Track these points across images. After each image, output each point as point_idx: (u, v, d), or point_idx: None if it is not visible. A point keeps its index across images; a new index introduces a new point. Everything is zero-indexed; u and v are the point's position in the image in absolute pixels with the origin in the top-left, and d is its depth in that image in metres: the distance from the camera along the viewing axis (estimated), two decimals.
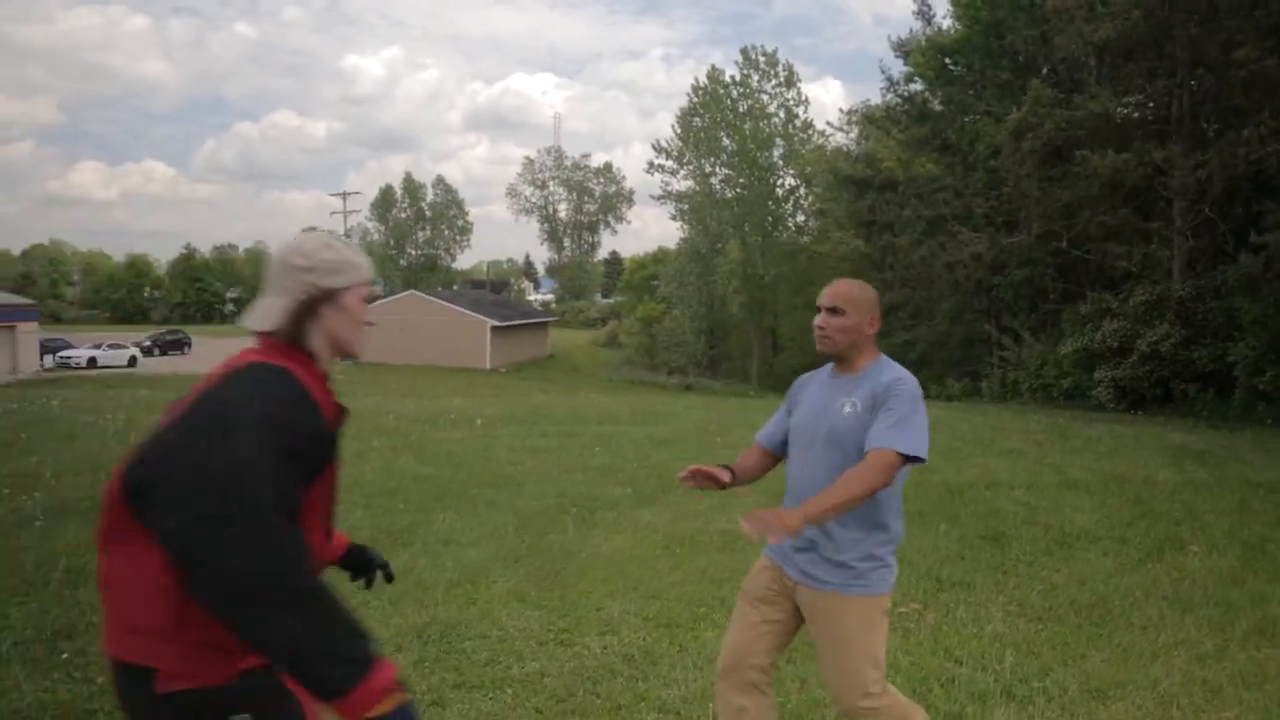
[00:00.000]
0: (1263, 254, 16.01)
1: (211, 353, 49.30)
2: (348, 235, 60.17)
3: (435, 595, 4.94)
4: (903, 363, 2.85)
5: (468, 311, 45.62)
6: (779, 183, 51.06)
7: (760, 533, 2.31)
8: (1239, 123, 20.02)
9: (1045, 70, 26.55)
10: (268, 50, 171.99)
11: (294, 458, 1.65)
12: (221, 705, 1.65)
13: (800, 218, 51.83)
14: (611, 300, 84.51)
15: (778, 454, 3.00)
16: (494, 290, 69.70)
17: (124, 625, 1.64)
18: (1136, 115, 24.53)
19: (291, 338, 1.81)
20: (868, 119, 36.77)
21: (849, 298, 2.78)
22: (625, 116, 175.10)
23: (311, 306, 1.82)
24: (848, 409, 2.69)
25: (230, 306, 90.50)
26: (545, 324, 57.44)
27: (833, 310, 2.77)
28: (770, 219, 49.93)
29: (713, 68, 51.26)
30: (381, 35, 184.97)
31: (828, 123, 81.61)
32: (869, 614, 2.70)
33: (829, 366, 2.92)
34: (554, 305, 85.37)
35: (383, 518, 6.74)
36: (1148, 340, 19.31)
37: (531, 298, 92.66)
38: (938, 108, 31.20)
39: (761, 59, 51.12)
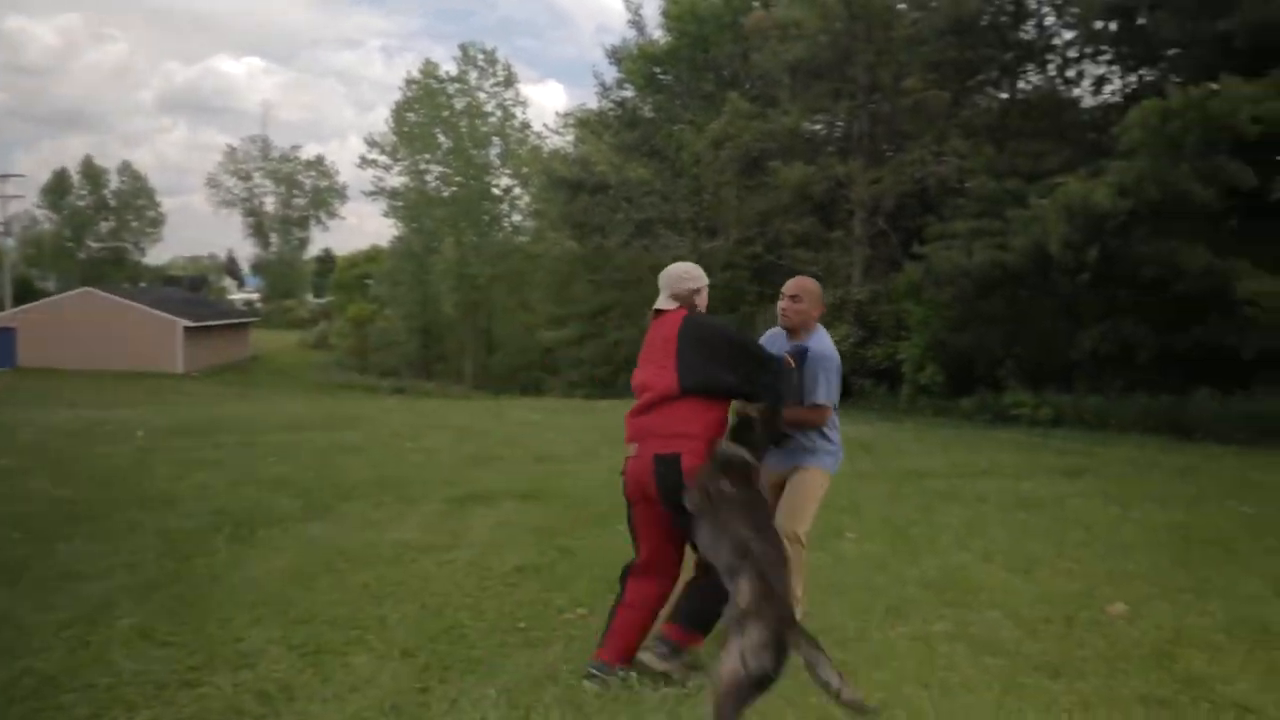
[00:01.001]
0: (924, 263, 17.65)
1: None
2: (7, 224, 53.03)
3: (38, 641, 4.18)
4: (612, 363, 3.80)
5: (155, 311, 41.52)
6: (495, 182, 50.77)
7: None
8: (907, 144, 22.08)
9: (745, 85, 28.01)
10: None
11: None
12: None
13: (516, 218, 51.83)
14: (322, 300, 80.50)
15: None
16: (190, 288, 64.23)
17: (671, 434, 3.59)
18: (824, 132, 26.45)
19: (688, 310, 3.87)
20: (581, 123, 37.34)
21: (806, 290, 4.35)
22: (341, 108, 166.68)
23: (689, 297, 3.89)
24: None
25: None
26: (248, 324, 53.53)
27: (793, 298, 4.32)
28: (487, 218, 49.56)
29: (428, 61, 50.24)
30: None
31: (544, 124, 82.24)
32: (817, 479, 4.39)
33: (782, 330, 4.44)
34: (259, 304, 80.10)
35: None
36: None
37: (234, 296, 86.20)
38: (648, 114, 32.18)
39: (480, 56, 50.64)
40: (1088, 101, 20.99)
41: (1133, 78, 19.58)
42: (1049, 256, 14.12)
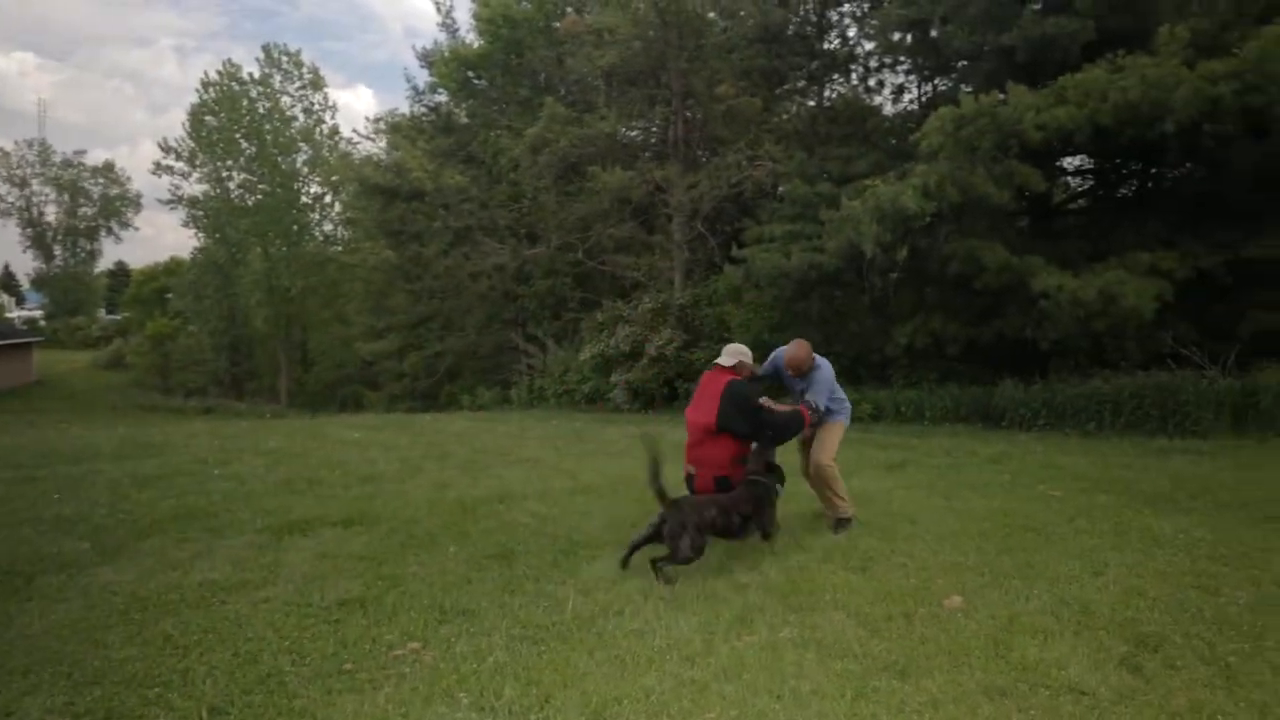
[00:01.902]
0: (743, 266, 17.94)
1: None
2: None
3: None
4: (434, 374, 3.49)
5: None
6: (304, 190, 48.67)
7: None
8: (722, 150, 22.50)
9: (562, 90, 27.88)
10: None
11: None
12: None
13: (328, 227, 49.87)
14: (117, 316, 74.91)
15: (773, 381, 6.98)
16: None
17: (718, 465, 6.21)
18: (641, 137, 26.67)
19: (735, 371, 6.51)
20: (394, 128, 36.28)
21: (797, 359, 6.69)
22: (131, 110, 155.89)
23: (743, 365, 6.59)
24: (799, 386, 6.77)
25: None
26: (30, 345, 49.08)
27: (795, 369, 6.72)
28: (296, 228, 47.44)
29: (229, 61, 47.63)
30: None
31: (354, 130, 79.39)
32: (835, 429, 6.88)
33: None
34: (43, 323, 73.72)
35: None
36: (655, 344, 20.85)
37: (13, 314, 78.94)
38: (463, 120, 31.58)
39: (285, 59, 48.49)
40: (889, 109, 22.09)
41: (928, 87, 20.67)
42: (862, 256, 14.61)
